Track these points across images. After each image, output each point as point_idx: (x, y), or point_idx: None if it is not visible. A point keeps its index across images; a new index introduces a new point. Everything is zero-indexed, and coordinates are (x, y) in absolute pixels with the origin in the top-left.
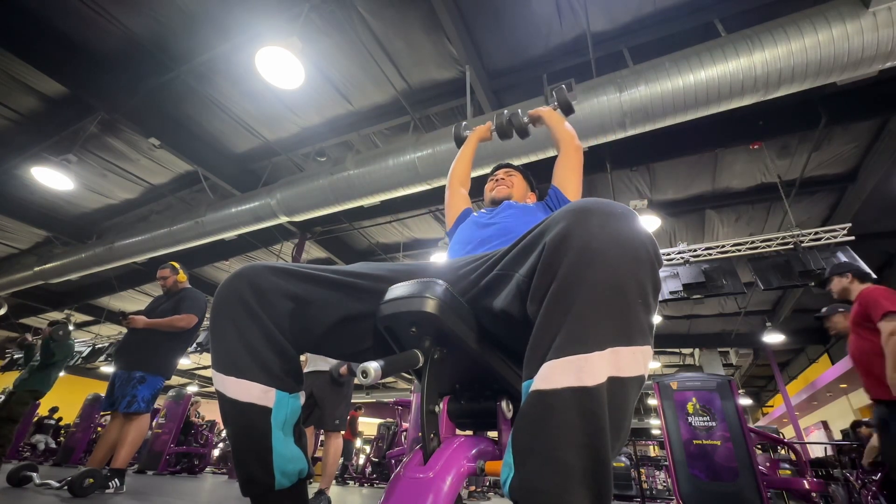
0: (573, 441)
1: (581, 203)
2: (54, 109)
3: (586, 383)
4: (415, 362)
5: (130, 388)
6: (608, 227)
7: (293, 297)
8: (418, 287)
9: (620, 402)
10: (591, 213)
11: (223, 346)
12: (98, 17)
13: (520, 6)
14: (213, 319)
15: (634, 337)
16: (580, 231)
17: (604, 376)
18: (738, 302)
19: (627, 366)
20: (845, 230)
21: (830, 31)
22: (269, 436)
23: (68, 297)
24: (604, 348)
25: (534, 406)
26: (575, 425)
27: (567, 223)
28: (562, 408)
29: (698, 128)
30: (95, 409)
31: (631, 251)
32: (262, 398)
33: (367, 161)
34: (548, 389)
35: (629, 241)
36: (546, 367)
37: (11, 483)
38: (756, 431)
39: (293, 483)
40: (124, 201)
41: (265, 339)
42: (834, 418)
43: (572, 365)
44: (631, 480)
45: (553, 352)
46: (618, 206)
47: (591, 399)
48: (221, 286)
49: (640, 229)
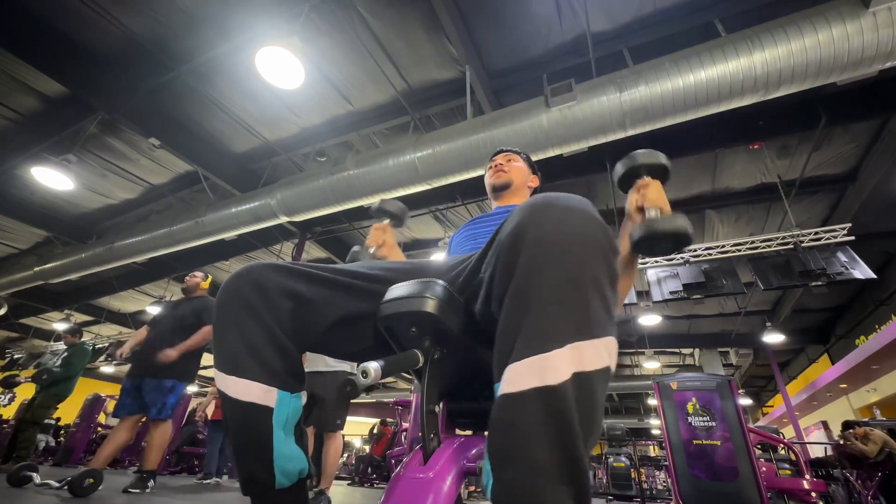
0: (544, 441)
1: (535, 199)
2: (54, 109)
3: (550, 382)
4: (415, 362)
5: (161, 396)
6: (561, 222)
7: (295, 296)
8: (418, 287)
9: (587, 396)
10: (543, 208)
11: (225, 345)
12: (98, 18)
13: (520, 6)
14: (216, 319)
15: (594, 330)
16: (533, 227)
17: (567, 373)
18: (738, 302)
19: (591, 360)
20: (845, 230)
21: (830, 31)
22: (270, 435)
23: (68, 297)
24: (564, 345)
25: (503, 410)
26: (544, 425)
27: (520, 220)
28: (529, 409)
29: (698, 128)
30: (96, 409)
31: (583, 244)
32: (264, 398)
33: (367, 161)
34: (514, 392)
35: (582, 233)
36: (510, 370)
37: (11, 483)
38: (756, 431)
39: (293, 483)
40: (124, 201)
41: (267, 338)
42: (834, 418)
43: (535, 365)
44: (631, 480)
45: (515, 353)
46: (572, 199)
47: (557, 397)
48: (224, 286)
49: (594, 220)
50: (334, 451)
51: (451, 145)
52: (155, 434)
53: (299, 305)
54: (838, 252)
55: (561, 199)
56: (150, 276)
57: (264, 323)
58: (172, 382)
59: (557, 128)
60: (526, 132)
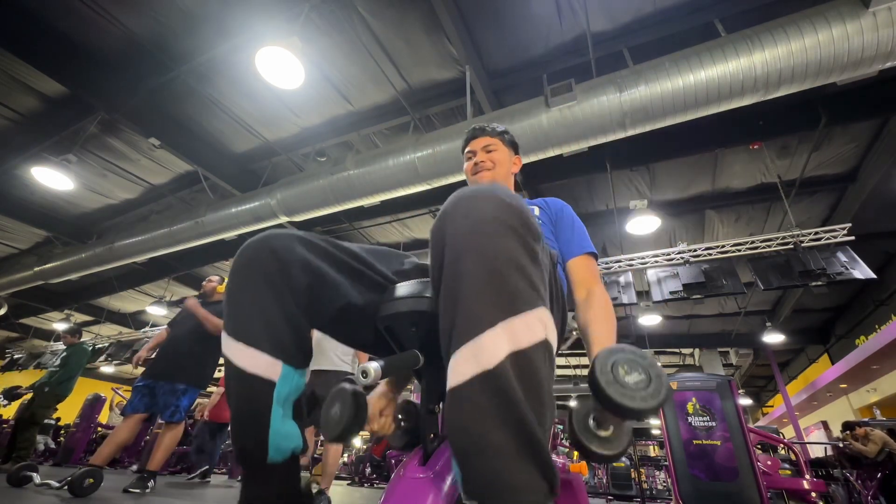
0: (494, 424)
1: (452, 196)
2: (54, 109)
3: (487, 366)
4: (415, 362)
5: (175, 399)
6: (472, 210)
7: (314, 272)
8: (419, 287)
9: (530, 373)
10: (456, 202)
11: (238, 310)
12: (98, 18)
13: (520, 6)
14: (231, 281)
15: (519, 305)
16: (449, 223)
17: (503, 353)
18: (738, 302)
19: (524, 335)
20: (845, 230)
21: (830, 31)
22: (268, 412)
23: (68, 297)
24: (494, 325)
25: (452, 405)
26: (490, 409)
27: (440, 217)
28: (474, 398)
29: (698, 128)
30: (96, 409)
31: (494, 227)
32: (269, 370)
33: (367, 161)
34: (459, 384)
35: (493, 217)
36: (452, 362)
37: (12, 483)
38: (756, 431)
39: (285, 459)
40: (124, 201)
41: (280, 309)
42: (834, 418)
43: (470, 352)
44: (631, 480)
45: (454, 344)
46: (482, 189)
47: (496, 378)
48: (244, 248)
49: (502, 203)
50: (334, 452)
51: (451, 145)
52: (166, 436)
53: (316, 282)
54: (838, 252)
55: (472, 190)
56: (150, 277)
57: (280, 294)
58: (185, 386)
59: (557, 128)
60: (526, 132)
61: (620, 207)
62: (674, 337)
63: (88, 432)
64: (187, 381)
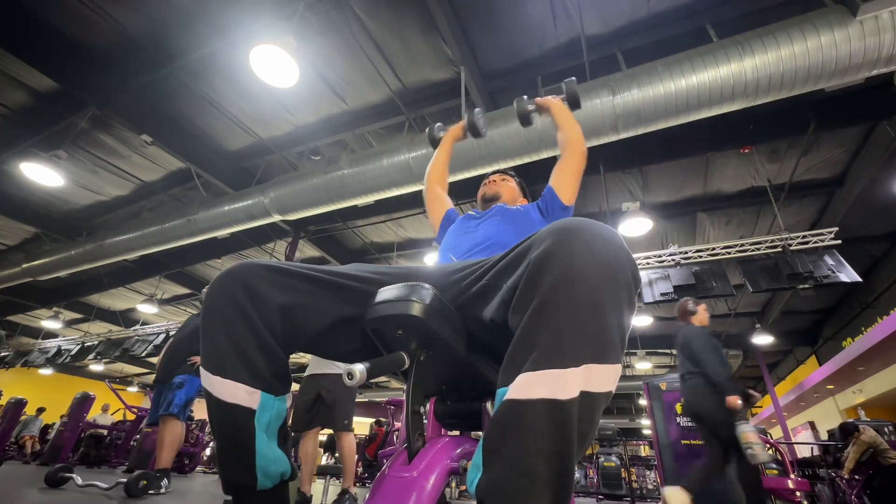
0: (542, 449)
1: (567, 223)
2: (44, 104)
3: (560, 397)
4: (400, 364)
5: (170, 393)
6: (590, 249)
7: (286, 298)
8: (405, 290)
9: (589, 414)
10: (575, 233)
11: (212, 344)
12: (90, 13)
13: (515, 8)
14: (204, 317)
15: (608, 355)
16: (563, 251)
17: (576, 391)
18: (728, 304)
19: (598, 382)
20: (832, 234)
21: (819, 38)
22: (252, 437)
23: (57, 294)
24: (579, 365)
25: (507, 413)
26: (545, 434)
27: (552, 242)
28: (534, 417)
29: (690, 131)
30: (84, 407)
31: (611, 273)
32: (247, 400)
33: (361, 160)
34: (522, 399)
35: (610, 263)
36: (522, 378)
37: (49, 484)
38: None
39: (275, 484)
40: (115, 198)
41: (254, 340)
42: (820, 419)
43: (548, 378)
44: (621, 480)
45: (530, 364)
46: (602, 229)
47: (563, 412)
48: (214, 283)
49: (622, 252)
50: (349, 449)
51: None
52: (163, 431)
53: (291, 307)
54: (825, 255)
55: (589, 226)
56: (141, 274)
57: (253, 324)
58: (182, 379)
59: (551, 129)
60: (520, 133)
61: (613, 209)
62: (664, 338)
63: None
64: (184, 372)
